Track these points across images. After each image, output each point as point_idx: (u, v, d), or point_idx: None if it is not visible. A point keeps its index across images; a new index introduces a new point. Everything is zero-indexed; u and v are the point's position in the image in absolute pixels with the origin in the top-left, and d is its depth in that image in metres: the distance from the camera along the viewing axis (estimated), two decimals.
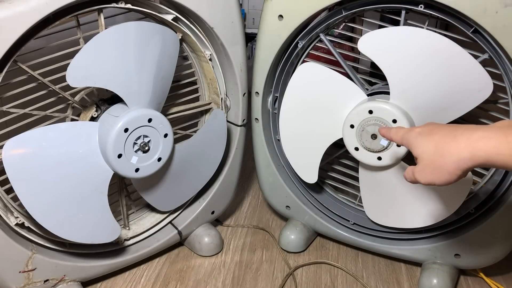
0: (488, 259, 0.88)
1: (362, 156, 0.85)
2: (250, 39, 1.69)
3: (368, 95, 0.85)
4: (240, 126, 0.98)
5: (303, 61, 0.93)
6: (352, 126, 0.84)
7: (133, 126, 0.77)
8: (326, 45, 0.88)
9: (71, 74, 0.70)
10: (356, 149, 0.85)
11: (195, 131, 0.96)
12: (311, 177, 0.95)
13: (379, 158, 0.84)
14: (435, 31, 0.77)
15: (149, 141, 0.80)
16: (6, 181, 0.71)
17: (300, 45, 0.89)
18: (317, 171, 0.93)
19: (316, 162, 0.92)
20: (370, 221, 0.97)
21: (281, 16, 0.86)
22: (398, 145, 0.81)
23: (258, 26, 0.90)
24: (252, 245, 1.06)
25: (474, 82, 0.74)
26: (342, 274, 0.98)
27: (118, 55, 0.74)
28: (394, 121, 0.80)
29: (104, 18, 0.75)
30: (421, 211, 0.88)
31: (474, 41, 0.76)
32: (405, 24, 0.81)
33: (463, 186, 0.83)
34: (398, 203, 0.89)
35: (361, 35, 0.80)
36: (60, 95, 0.76)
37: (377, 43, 0.78)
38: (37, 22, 0.67)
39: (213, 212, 1.04)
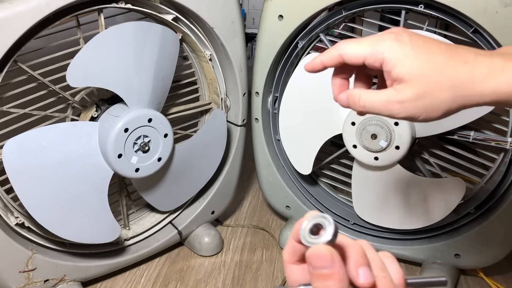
0: (488, 259, 0.88)
1: (359, 154, 0.85)
2: (250, 39, 1.68)
3: None
4: (240, 126, 0.98)
5: None
6: (353, 124, 0.84)
7: (133, 126, 0.77)
8: (326, 45, 0.88)
9: (71, 74, 0.70)
10: (354, 146, 0.85)
11: (195, 131, 0.96)
12: (306, 168, 0.94)
13: (376, 158, 0.84)
14: (436, 32, 0.77)
15: (149, 141, 0.80)
16: (6, 181, 0.71)
17: (300, 45, 0.89)
18: (312, 163, 0.93)
19: (312, 154, 0.92)
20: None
21: (281, 16, 0.86)
22: (397, 147, 0.81)
23: (258, 26, 0.90)
24: (252, 245, 1.06)
25: None
26: None
27: (118, 55, 0.74)
28: (396, 123, 0.80)
29: (104, 18, 0.75)
30: (410, 213, 0.88)
31: (474, 41, 0.76)
32: (405, 24, 0.81)
33: (456, 192, 0.83)
34: (388, 204, 0.89)
35: (361, 35, 0.80)
36: (60, 95, 0.76)
37: None
38: (37, 22, 0.67)
39: (213, 212, 1.04)
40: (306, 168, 0.94)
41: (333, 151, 0.98)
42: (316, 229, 0.33)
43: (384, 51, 0.44)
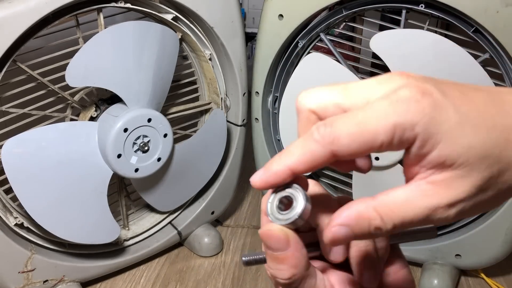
0: (489, 259, 0.88)
1: None
2: (250, 38, 1.68)
3: None
4: (240, 126, 0.98)
5: None
6: None
7: (132, 126, 0.77)
8: (327, 45, 0.88)
9: (70, 73, 0.70)
10: None
11: (194, 131, 0.95)
12: None
13: (377, 158, 0.84)
14: (436, 31, 0.77)
15: (148, 141, 0.80)
16: (5, 181, 0.71)
17: (300, 45, 0.89)
18: None
19: None
20: None
21: (281, 15, 0.86)
22: None
23: (258, 25, 0.90)
24: (252, 245, 1.06)
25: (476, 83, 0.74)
26: None
27: (117, 55, 0.73)
28: None
29: (104, 18, 0.75)
30: None
31: (475, 40, 0.76)
32: (406, 23, 0.81)
33: None
34: None
35: (361, 34, 0.80)
36: (60, 95, 0.75)
37: (389, 43, 0.78)
38: (37, 21, 0.66)
39: (213, 212, 1.03)
40: None
41: None
42: (287, 201, 0.29)
43: (418, 122, 0.25)
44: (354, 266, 0.31)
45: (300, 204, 0.28)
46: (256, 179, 0.29)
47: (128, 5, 0.76)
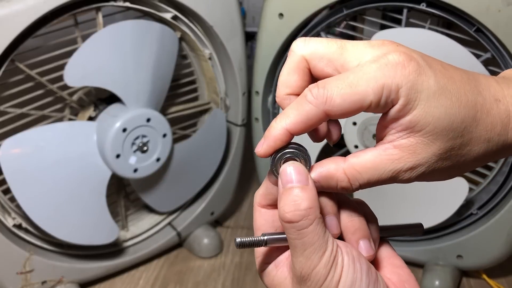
0: (491, 260, 0.88)
1: None
2: (250, 37, 1.67)
3: None
4: (240, 126, 0.97)
5: None
6: (354, 124, 0.83)
7: (131, 126, 0.76)
8: None
9: (69, 73, 0.69)
10: (356, 146, 0.84)
11: (194, 131, 0.95)
12: None
13: None
14: (438, 30, 0.76)
15: (147, 141, 0.79)
16: (3, 181, 0.71)
17: None
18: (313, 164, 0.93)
19: (313, 155, 0.91)
20: None
21: (281, 14, 0.85)
22: None
23: (258, 24, 0.89)
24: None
25: None
26: None
27: (116, 54, 0.73)
28: None
29: (102, 17, 0.74)
30: (412, 215, 0.87)
31: (477, 40, 0.76)
32: (407, 22, 0.80)
33: (459, 193, 0.82)
34: (389, 205, 0.89)
35: (362, 33, 0.79)
36: (58, 95, 0.75)
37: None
38: (35, 20, 0.66)
39: (212, 213, 1.03)
40: None
41: (334, 151, 0.97)
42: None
43: (402, 86, 0.28)
44: (351, 243, 0.33)
45: (308, 164, 0.31)
46: (259, 148, 0.31)
47: (127, 4, 0.76)
